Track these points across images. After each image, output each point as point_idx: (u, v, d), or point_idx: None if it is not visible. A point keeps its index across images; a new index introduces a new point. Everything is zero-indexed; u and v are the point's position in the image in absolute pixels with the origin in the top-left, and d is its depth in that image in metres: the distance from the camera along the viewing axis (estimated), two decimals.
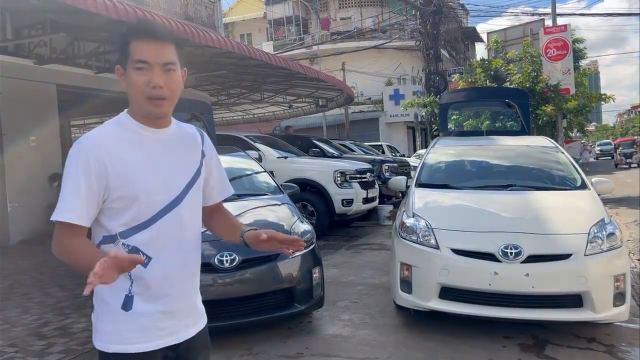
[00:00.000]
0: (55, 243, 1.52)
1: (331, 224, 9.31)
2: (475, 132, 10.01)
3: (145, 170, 1.56)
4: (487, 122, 14.40)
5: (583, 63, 19.01)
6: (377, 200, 10.26)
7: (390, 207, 10.82)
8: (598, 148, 48.37)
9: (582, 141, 35.99)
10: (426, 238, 4.21)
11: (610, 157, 42.05)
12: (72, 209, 1.50)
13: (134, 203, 1.54)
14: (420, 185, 5.13)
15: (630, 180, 19.24)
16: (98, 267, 1.27)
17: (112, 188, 1.53)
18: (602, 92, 17.10)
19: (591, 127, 78.15)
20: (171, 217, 1.59)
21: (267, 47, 28.98)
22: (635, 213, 10.90)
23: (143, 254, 1.55)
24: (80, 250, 1.50)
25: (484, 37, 30.78)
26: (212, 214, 1.86)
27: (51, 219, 1.51)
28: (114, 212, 1.55)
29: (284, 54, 25.41)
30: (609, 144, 50.24)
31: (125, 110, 1.63)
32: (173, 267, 1.62)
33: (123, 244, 1.55)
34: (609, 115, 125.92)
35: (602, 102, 16.36)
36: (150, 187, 1.56)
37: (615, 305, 3.86)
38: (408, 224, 4.41)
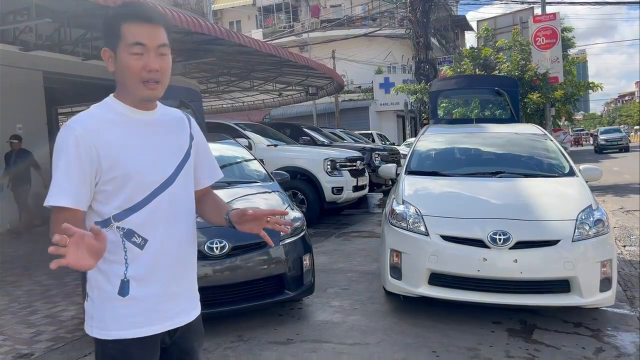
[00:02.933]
0: (54, 231, 1.48)
1: (321, 211, 9.32)
2: (465, 120, 10.04)
3: (136, 151, 1.56)
4: (476, 110, 14.44)
5: (572, 52, 19.10)
6: (367, 188, 10.28)
7: (380, 195, 10.85)
8: (602, 137, 35.02)
9: (575, 128, 34.41)
10: (416, 225, 4.22)
11: (618, 150, 33.01)
12: (67, 192, 1.48)
13: (127, 184, 1.53)
14: (410, 172, 5.14)
15: (617, 168, 19.45)
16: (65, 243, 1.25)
17: (105, 170, 1.51)
18: (590, 80, 17.20)
19: (579, 116, 77.87)
20: (164, 198, 1.59)
21: (257, 34, 28.81)
22: (622, 200, 11.04)
23: (138, 236, 1.55)
24: None
25: (474, 25, 30.83)
26: (202, 199, 1.84)
27: (45, 204, 1.49)
28: (107, 194, 1.54)
29: (274, 41, 25.25)
30: (617, 130, 38.31)
31: (111, 94, 1.61)
32: (169, 249, 1.62)
33: (117, 227, 1.54)
34: (596, 104, 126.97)
35: (590, 91, 16.44)
36: (143, 167, 1.55)
37: (601, 291, 3.90)
38: (398, 211, 4.43)
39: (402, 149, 14.38)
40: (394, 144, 19.15)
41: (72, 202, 1.48)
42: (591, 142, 43.91)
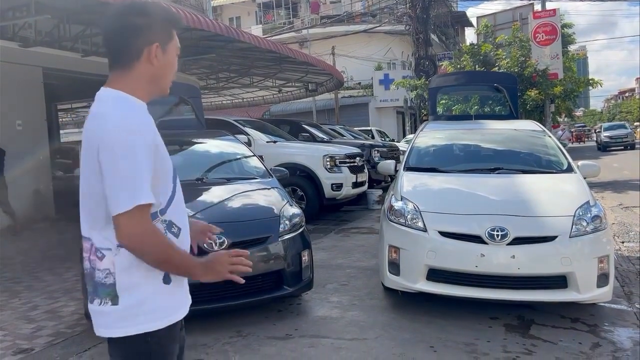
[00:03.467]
0: (146, 230, 1.50)
1: (321, 208, 9.34)
2: (464, 117, 10.04)
3: (163, 144, 1.64)
4: (476, 106, 14.45)
5: (572, 48, 19.09)
6: (367, 184, 10.29)
7: (379, 192, 10.87)
8: (606, 134, 31.61)
9: (576, 124, 33.18)
10: (414, 221, 4.24)
11: (623, 148, 30.25)
12: (150, 190, 1.52)
13: (166, 178, 1.62)
14: (408, 168, 5.16)
15: (617, 164, 19.45)
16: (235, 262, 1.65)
17: (156, 168, 1.56)
18: (590, 77, 17.21)
19: (579, 112, 77.37)
20: (177, 186, 1.69)
21: (257, 30, 28.75)
22: (621, 197, 11.06)
23: (176, 225, 1.64)
24: (174, 245, 1.58)
25: (474, 21, 30.80)
26: None
27: (142, 202, 1.48)
28: (156, 190, 1.56)
29: (273, 37, 25.24)
30: (622, 126, 33.97)
31: (121, 92, 1.59)
32: (187, 235, 1.71)
33: (162, 220, 1.60)
34: (596, 101, 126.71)
35: (590, 87, 16.45)
36: (170, 162, 1.67)
37: (599, 286, 3.92)
38: (396, 207, 4.44)
39: (402, 146, 14.38)
40: (393, 140, 19.16)
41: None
42: (594, 139, 39.73)
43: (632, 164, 18.23)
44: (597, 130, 38.54)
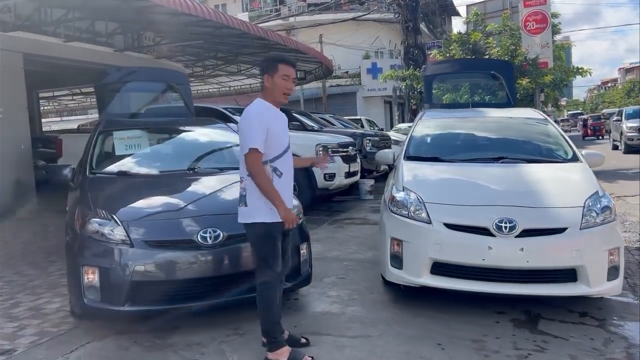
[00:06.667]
0: (255, 163, 3.11)
1: (313, 198, 9.14)
2: (462, 105, 9.88)
3: (280, 129, 3.25)
4: (466, 95, 14.32)
5: (557, 38, 19.01)
6: (359, 174, 10.11)
7: (371, 182, 10.71)
8: (630, 124, 19.83)
9: (571, 112, 28.04)
10: (417, 212, 4.06)
11: None
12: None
13: (279, 145, 3.20)
14: (409, 158, 4.98)
15: (604, 153, 19.43)
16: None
17: (269, 138, 3.13)
18: (580, 66, 17.14)
19: (562, 102, 77.22)
20: (287, 154, 3.27)
21: (243, 18, 28.23)
22: (611, 186, 11.00)
23: (279, 171, 3.19)
24: (269, 181, 3.19)
25: (462, 10, 30.66)
26: None
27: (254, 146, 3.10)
28: (268, 150, 3.14)
29: (260, 25, 24.84)
30: None
31: (259, 98, 3.25)
32: (288, 180, 3.32)
33: (270, 166, 3.16)
34: (579, 91, 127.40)
35: (580, 76, 16.40)
36: (282, 138, 3.23)
37: (609, 280, 3.80)
38: (398, 198, 4.26)
39: (392, 135, 14.23)
40: (382, 129, 18.98)
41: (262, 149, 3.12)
42: (608, 132, 26.44)
43: (618, 153, 18.24)
44: (614, 120, 22.96)
